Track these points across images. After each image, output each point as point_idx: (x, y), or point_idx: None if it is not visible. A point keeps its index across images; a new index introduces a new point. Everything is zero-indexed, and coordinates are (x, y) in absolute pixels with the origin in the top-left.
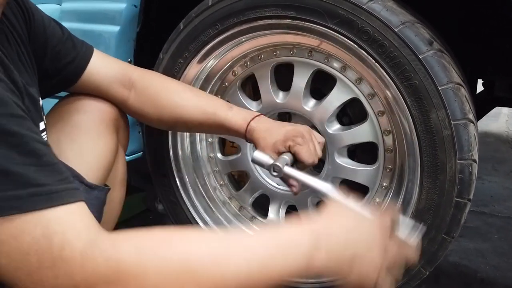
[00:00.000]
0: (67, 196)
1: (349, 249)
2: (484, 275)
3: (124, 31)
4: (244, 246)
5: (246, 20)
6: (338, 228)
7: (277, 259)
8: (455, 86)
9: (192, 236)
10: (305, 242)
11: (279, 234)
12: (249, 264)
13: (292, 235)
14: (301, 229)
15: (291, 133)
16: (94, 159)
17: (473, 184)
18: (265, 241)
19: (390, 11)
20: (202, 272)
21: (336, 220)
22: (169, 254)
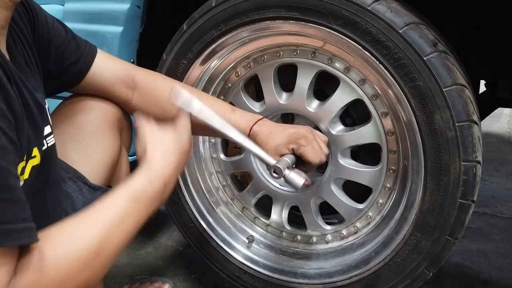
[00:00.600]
0: (25, 237)
1: (179, 165)
2: (486, 276)
3: (127, 31)
4: (114, 216)
5: (249, 21)
6: (170, 159)
7: (141, 211)
8: (459, 87)
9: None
10: (158, 189)
11: (135, 193)
12: (122, 229)
13: (145, 190)
14: (151, 181)
15: (293, 136)
16: (98, 160)
17: (477, 186)
18: (129, 205)
19: (395, 12)
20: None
21: (165, 151)
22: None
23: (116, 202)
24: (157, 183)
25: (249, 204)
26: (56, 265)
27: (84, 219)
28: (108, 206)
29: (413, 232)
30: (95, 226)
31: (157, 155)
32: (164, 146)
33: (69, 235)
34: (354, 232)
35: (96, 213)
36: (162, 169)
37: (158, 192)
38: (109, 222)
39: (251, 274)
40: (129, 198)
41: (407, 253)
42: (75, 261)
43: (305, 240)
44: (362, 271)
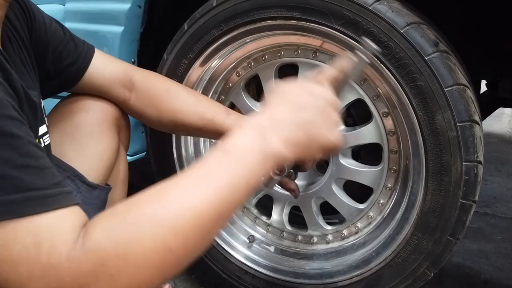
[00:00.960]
0: (61, 200)
1: (301, 127)
2: (487, 276)
3: (128, 31)
4: (202, 182)
5: (250, 21)
6: (282, 111)
7: (238, 174)
8: (461, 87)
9: (154, 198)
10: (249, 140)
11: (227, 150)
12: (216, 194)
13: (237, 143)
14: (243, 132)
15: None
16: (96, 159)
17: (478, 186)
18: (219, 164)
19: (396, 12)
20: (169, 221)
21: (279, 105)
22: (139, 222)
23: (206, 158)
24: (251, 134)
25: (249, 204)
26: (144, 223)
27: (168, 184)
28: (197, 165)
29: (414, 232)
30: (178, 187)
31: (273, 104)
32: (290, 96)
33: (154, 198)
34: (355, 232)
35: (185, 174)
36: (264, 120)
37: (254, 145)
38: (194, 179)
39: (251, 274)
40: (217, 150)
41: (408, 253)
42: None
43: (306, 240)
44: (363, 271)
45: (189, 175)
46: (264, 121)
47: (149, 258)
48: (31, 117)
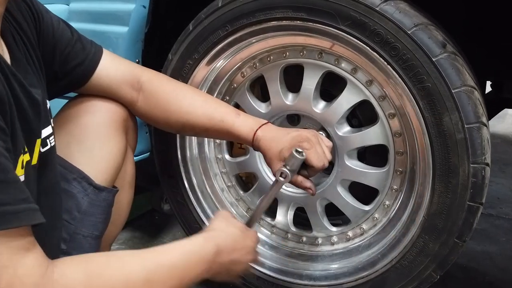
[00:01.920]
0: (26, 218)
1: (231, 263)
2: (492, 278)
3: (133, 31)
4: (169, 262)
5: (256, 21)
6: (230, 240)
7: (191, 271)
8: (469, 89)
9: (128, 258)
10: (209, 252)
11: (192, 248)
12: (173, 279)
13: (201, 248)
14: (206, 246)
15: (296, 139)
16: (103, 161)
17: (485, 188)
18: (183, 254)
19: (403, 13)
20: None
21: (229, 232)
22: (111, 276)
23: (171, 248)
24: (211, 246)
25: (254, 205)
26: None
27: (143, 252)
28: (161, 250)
29: (420, 235)
30: (146, 261)
31: (221, 224)
32: (230, 225)
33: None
34: (360, 234)
35: (152, 251)
36: (220, 236)
37: (209, 256)
38: (159, 263)
39: (256, 275)
40: (181, 249)
41: (414, 255)
42: (121, 282)
43: (311, 241)
44: (368, 273)
45: (155, 257)
46: (220, 243)
47: None
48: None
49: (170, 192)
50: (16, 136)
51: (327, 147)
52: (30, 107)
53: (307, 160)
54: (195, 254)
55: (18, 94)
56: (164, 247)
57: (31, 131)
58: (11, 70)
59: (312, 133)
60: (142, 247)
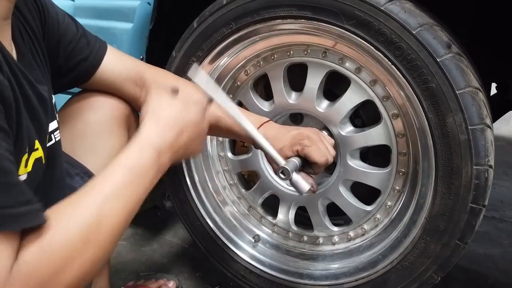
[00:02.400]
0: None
1: (181, 137)
2: (494, 280)
3: (137, 28)
4: (115, 190)
5: (260, 19)
6: (169, 131)
7: (141, 182)
8: (473, 90)
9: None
10: (150, 158)
11: (131, 163)
12: (126, 200)
13: (139, 159)
14: (143, 153)
15: (296, 137)
16: (106, 156)
17: (488, 190)
18: (125, 176)
19: (408, 13)
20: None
21: (163, 119)
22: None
23: (110, 173)
24: (148, 152)
25: (255, 204)
26: (59, 241)
27: (81, 194)
28: (102, 179)
29: (422, 236)
30: (91, 198)
31: (151, 122)
32: (163, 113)
33: (68, 210)
34: (362, 234)
35: (92, 186)
36: (155, 138)
37: (151, 161)
38: (105, 194)
39: (256, 273)
40: (121, 167)
41: (415, 256)
42: (76, 234)
43: (312, 241)
44: (369, 274)
45: (102, 187)
46: (156, 140)
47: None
48: (40, 111)
49: (172, 189)
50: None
51: (330, 144)
52: (39, 103)
53: (309, 157)
54: (137, 168)
55: (27, 92)
56: (104, 173)
57: (41, 127)
58: (19, 67)
59: (313, 130)
60: (144, 243)
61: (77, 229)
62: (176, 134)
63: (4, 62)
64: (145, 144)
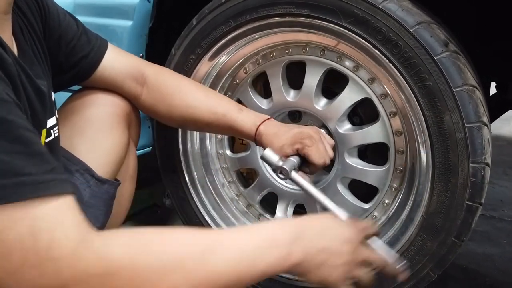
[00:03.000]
0: (55, 187)
1: (322, 251)
2: (492, 280)
3: (137, 26)
4: (233, 244)
5: (259, 17)
6: (316, 229)
7: (263, 255)
8: (470, 88)
9: (182, 233)
10: (286, 239)
11: (264, 231)
12: (236, 261)
13: (276, 232)
14: (284, 227)
15: (298, 136)
16: (106, 153)
17: (485, 188)
18: (252, 238)
19: (406, 11)
20: (191, 268)
21: (315, 223)
22: (159, 250)
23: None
24: (288, 229)
25: (254, 201)
26: (149, 254)
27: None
28: (216, 233)
29: (419, 233)
30: (181, 248)
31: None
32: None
33: (182, 241)
34: None
35: (214, 239)
36: (311, 244)
37: (285, 235)
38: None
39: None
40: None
41: (412, 254)
42: (171, 265)
43: None
44: None
45: (218, 236)
46: (301, 229)
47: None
48: (38, 105)
49: (172, 187)
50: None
51: (330, 145)
52: (37, 98)
53: (308, 157)
54: (267, 239)
55: (26, 86)
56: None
57: (38, 122)
58: (19, 62)
59: (315, 130)
60: None
61: (173, 258)
62: (318, 247)
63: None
64: (289, 228)
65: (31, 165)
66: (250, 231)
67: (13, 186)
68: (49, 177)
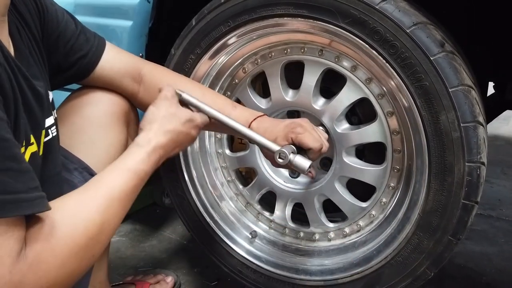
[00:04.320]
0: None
1: (167, 132)
2: (489, 278)
3: (137, 26)
4: (118, 194)
5: (258, 17)
6: (150, 129)
7: (139, 186)
8: (466, 88)
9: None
10: (140, 158)
11: (134, 167)
12: (123, 203)
13: (142, 165)
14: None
15: (289, 126)
16: (104, 151)
17: (481, 187)
18: (131, 179)
19: (403, 11)
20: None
21: (146, 126)
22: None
23: (118, 175)
24: (154, 157)
25: (253, 200)
26: (65, 235)
27: (87, 192)
28: (110, 179)
29: (415, 232)
30: (98, 198)
31: (154, 127)
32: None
33: (76, 206)
34: (357, 231)
35: (99, 185)
36: (161, 143)
37: (155, 164)
38: (111, 195)
39: (253, 269)
40: (130, 171)
41: (409, 252)
42: (82, 231)
43: (308, 237)
44: (363, 269)
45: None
46: (140, 139)
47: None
48: (35, 105)
49: (171, 186)
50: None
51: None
52: (34, 99)
53: (303, 144)
54: (141, 173)
55: (23, 87)
56: (111, 174)
57: (36, 122)
58: (16, 63)
59: (305, 120)
60: (143, 239)
61: (83, 228)
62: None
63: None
64: (151, 149)
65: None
66: (129, 175)
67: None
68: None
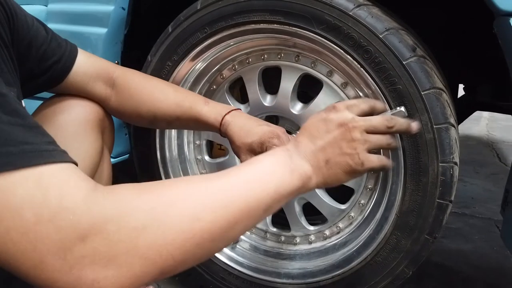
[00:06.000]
0: (58, 155)
1: (320, 150)
2: (466, 275)
3: (112, 33)
4: (226, 187)
5: (234, 24)
6: (303, 139)
7: (256, 188)
8: (437, 91)
9: (193, 182)
10: (281, 162)
11: (259, 165)
12: (244, 197)
13: (268, 162)
14: (273, 157)
15: (267, 134)
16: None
17: (454, 186)
18: (244, 177)
19: (375, 18)
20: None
21: (301, 137)
22: (173, 197)
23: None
24: (298, 166)
25: None
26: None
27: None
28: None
29: (393, 232)
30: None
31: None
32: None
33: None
34: (337, 232)
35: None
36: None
37: (300, 176)
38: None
39: (235, 275)
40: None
41: (387, 252)
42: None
43: (289, 240)
44: (344, 271)
45: (224, 178)
46: (290, 146)
47: (170, 244)
48: None
49: None
50: None
51: None
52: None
53: None
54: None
55: None
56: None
57: None
58: None
59: (283, 130)
60: None
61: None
62: (314, 151)
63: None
64: (279, 156)
65: (32, 135)
66: (242, 173)
67: (19, 153)
68: (50, 147)
